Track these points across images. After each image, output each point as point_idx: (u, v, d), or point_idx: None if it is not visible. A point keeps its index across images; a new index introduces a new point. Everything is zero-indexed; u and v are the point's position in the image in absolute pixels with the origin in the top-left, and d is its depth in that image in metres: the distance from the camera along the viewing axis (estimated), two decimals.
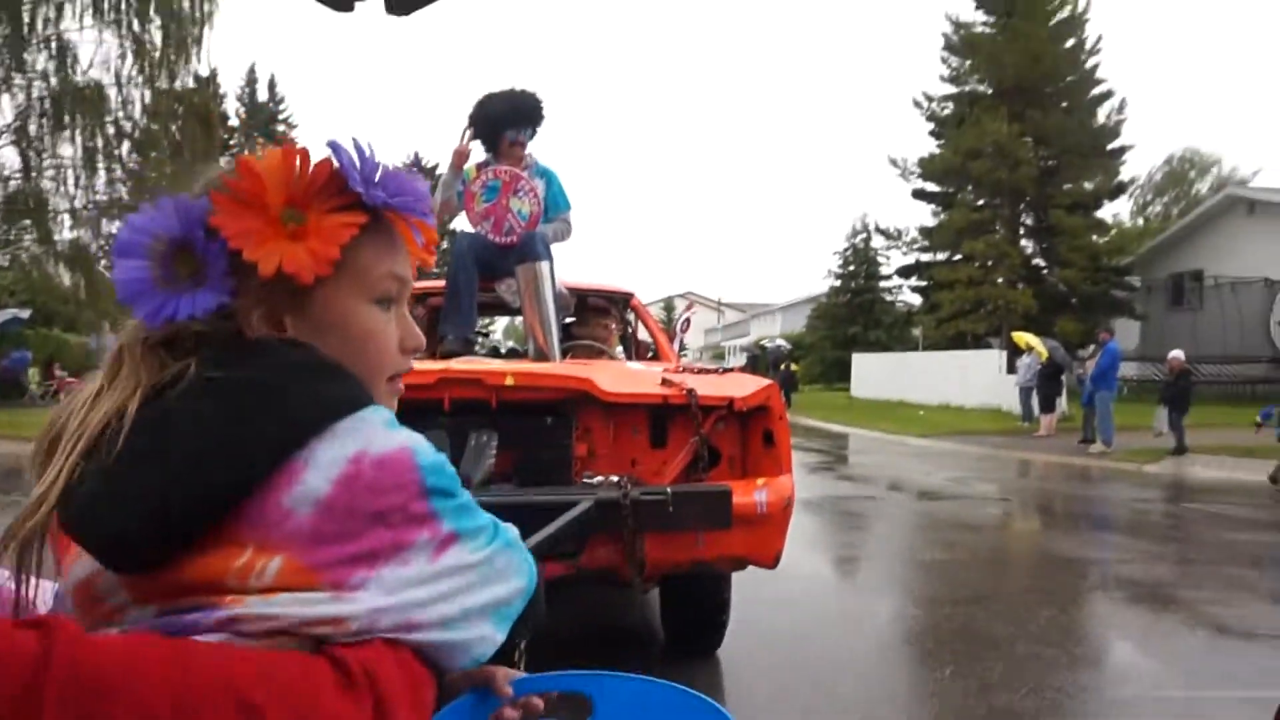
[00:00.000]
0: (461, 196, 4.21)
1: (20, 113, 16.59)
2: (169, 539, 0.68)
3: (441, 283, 4.36)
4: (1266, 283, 21.45)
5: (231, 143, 25.45)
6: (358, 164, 0.79)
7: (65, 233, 17.82)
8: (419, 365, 2.93)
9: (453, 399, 2.84)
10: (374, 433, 0.74)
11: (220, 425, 0.71)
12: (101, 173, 17.41)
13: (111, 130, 17.16)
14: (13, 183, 17.05)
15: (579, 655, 1.67)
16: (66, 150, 17.00)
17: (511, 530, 0.85)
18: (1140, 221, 41.61)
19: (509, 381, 2.86)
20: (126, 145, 17.58)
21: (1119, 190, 26.56)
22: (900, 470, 12.11)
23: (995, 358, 20.48)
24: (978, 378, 21.22)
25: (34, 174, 17.08)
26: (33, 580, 0.75)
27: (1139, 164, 58.97)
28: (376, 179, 0.80)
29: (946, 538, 7.26)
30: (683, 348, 5.29)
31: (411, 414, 1.32)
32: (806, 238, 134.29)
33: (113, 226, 16.71)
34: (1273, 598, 5.48)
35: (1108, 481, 11.30)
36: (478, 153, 4.34)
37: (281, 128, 33.67)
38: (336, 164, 0.78)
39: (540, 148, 4.39)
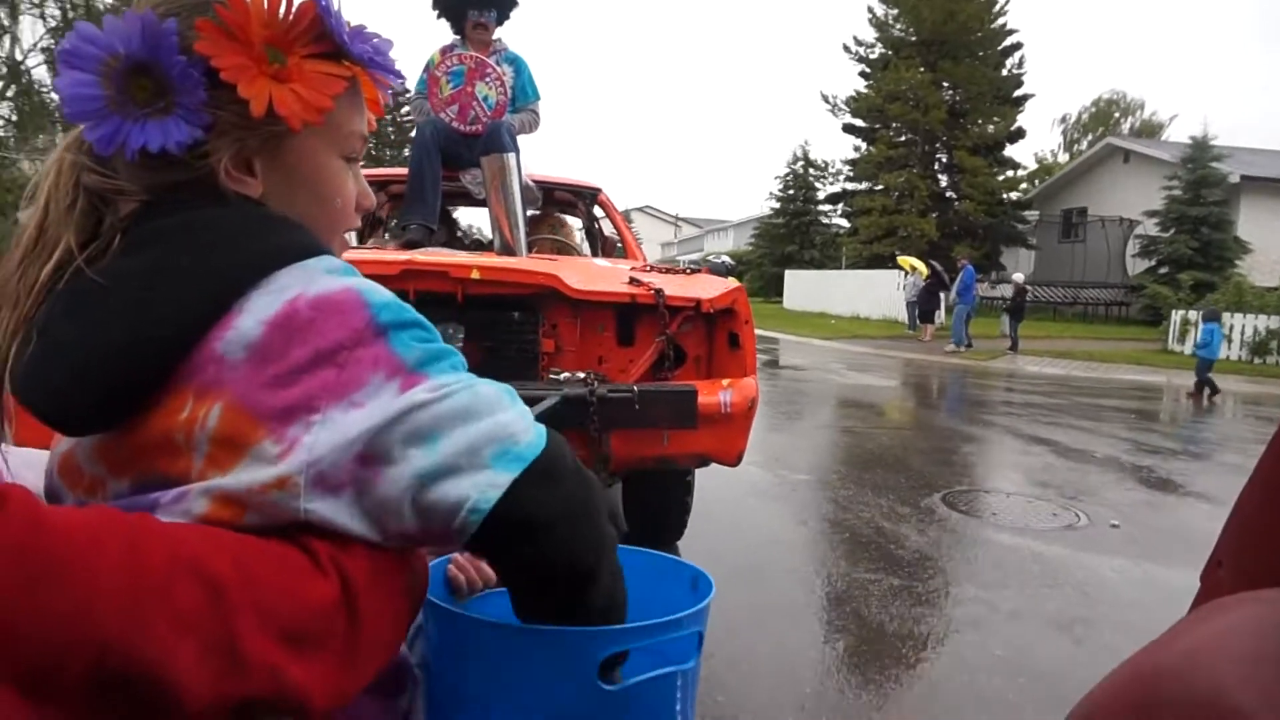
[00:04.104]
0: (425, 82, 3.89)
1: None
2: (105, 399, 0.64)
3: (403, 170, 4.04)
4: (1122, 221, 24.13)
5: None
6: (333, 13, 0.72)
7: None
8: (383, 256, 2.90)
9: (418, 291, 2.69)
10: (313, 276, 0.68)
11: (153, 278, 0.66)
12: None
13: None
14: None
15: None
16: None
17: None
18: (1066, 156, 45.22)
19: (475, 275, 2.74)
20: None
21: (1018, 135, 28.34)
22: (793, 358, 14.87)
23: (895, 276, 22.64)
24: (881, 293, 23.72)
25: None
26: None
27: (1072, 104, 62.13)
28: (348, 32, 0.74)
29: (793, 387, 10.71)
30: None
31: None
32: (763, 159, 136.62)
33: None
34: (1039, 440, 7.39)
35: (951, 371, 13.85)
36: (444, 35, 4.05)
37: None
38: (318, 10, 0.72)
39: (511, 36, 4.13)
